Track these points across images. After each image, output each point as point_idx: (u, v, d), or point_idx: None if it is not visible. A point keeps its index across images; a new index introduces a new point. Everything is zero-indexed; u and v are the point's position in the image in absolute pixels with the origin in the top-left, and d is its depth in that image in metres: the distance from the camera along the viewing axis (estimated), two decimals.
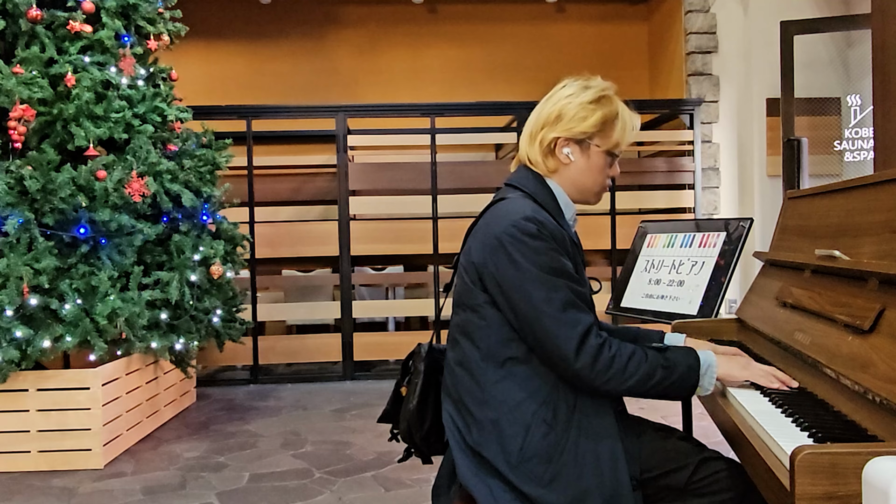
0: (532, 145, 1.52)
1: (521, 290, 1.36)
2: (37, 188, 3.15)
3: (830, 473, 0.94)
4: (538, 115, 1.52)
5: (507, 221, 1.40)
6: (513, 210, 1.43)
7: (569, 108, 1.47)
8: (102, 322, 3.24)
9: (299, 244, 5.11)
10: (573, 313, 1.35)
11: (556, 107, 1.49)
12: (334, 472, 3.14)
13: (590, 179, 1.53)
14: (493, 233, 1.42)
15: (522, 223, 1.38)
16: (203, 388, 4.92)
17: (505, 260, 1.38)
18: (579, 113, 1.47)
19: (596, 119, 1.47)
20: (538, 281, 1.36)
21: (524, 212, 1.41)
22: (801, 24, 4.54)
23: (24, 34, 3.34)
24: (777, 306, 1.80)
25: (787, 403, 1.34)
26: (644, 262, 2.57)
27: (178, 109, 3.91)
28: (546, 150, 1.50)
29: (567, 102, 1.48)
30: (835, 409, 1.28)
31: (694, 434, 2.05)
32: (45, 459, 3.28)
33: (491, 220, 1.46)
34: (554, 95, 1.51)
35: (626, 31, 6.66)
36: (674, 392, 1.40)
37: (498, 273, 1.39)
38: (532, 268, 1.36)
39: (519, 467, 1.34)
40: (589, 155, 1.50)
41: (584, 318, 1.36)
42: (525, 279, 1.36)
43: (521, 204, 1.44)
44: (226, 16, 6.50)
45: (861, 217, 1.56)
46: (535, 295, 1.35)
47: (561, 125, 1.48)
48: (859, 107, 4.92)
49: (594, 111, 1.47)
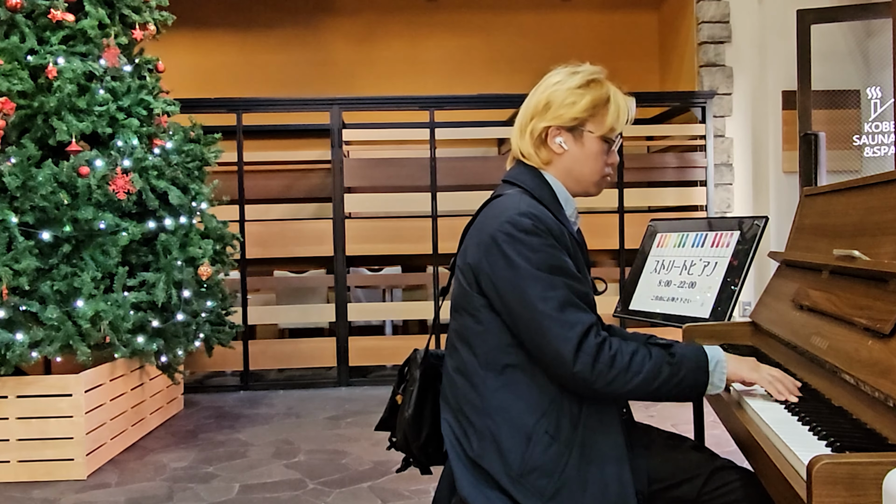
0: (523, 138, 1.53)
1: (517, 289, 1.35)
2: (16, 185, 3.15)
3: (849, 484, 0.94)
4: (526, 105, 1.53)
5: (502, 218, 1.40)
6: (508, 206, 1.43)
7: (557, 95, 1.48)
8: (85, 325, 3.24)
9: (292, 244, 5.11)
10: (572, 313, 1.34)
11: (543, 95, 1.50)
12: (329, 483, 3.14)
13: (587, 168, 1.52)
14: (487, 231, 1.42)
15: (517, 219, 1.38)
16: (191, 395, 4.92)
17: (500, 258, 1.38)
18: (568, 98, 1.47)
19: (585, 103, 1.48)
20: (534, 279, 1.35)
21: (519, 207, 1.41)
22: (818, 13, 4.54)
23: (3, 23, 3.34)
24: (793, 309, 1.80)
25: (803, 411, 1.34)
26: (654, 262, 2.57)
27: (164, 102, 3.91)
28: (537, 141, 1.51)
29: (555, 90, 1.49)
30: (854, 416, 1.28)
31: (707, 443, 2.05)
32: (25, 470, 3.27)
33: (486, 218, 1.46)
34: (542, 84, 1.53)
35: (634, 19, 6.66)
36: (682, 391, 1.37)
37: (493, 273, 1.39)
38: (527, 265, 1.35)
39: (520, 481, 1.34)
40: (583, 142, 1.50)
41: (584, 318, 1.35)
42: (520, 278, 1.35)
43: (516, 200, 1.44)
44: (214, 4, 6.50)
45: (881, 215, 1.56)
46: (530, 294, 1.34)
47: (550, 113, 1.48)
48: (880, 100, 4.93)
49: (583, 95, 1.48)
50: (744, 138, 5.41)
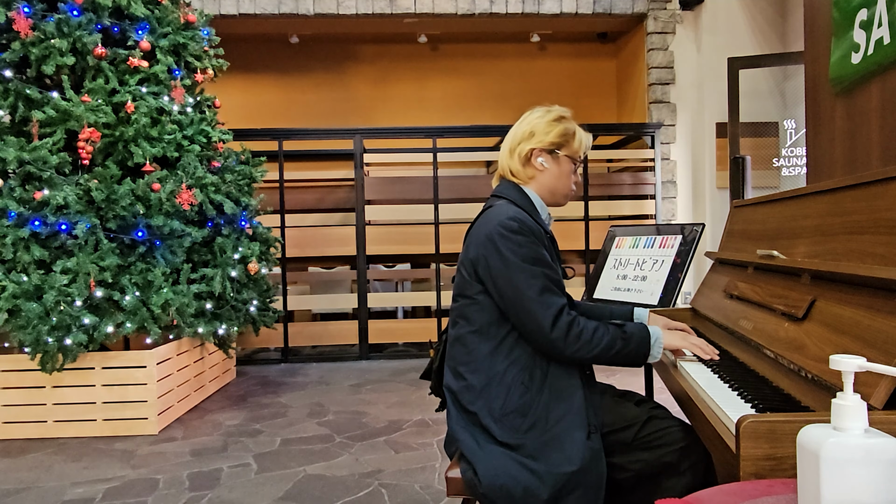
0: (511, 158, 1.58)
1: (507, 277, 1.41)
2: (102, 198, 3.16)
3: (770, 438, 0.94)
4: (514, 134, 1.59)
5: (495, 222, 1.45)
6: (499, 213, 1.47)
7: (539, 125, 1.56)
8: (157, 311, 3.24)
9: (323, 245, 5.10)
10: (548, 296, 1.40)
11: (528, 125, 1.57)
12: (352, 437, 3.14)
13: (560, 183, 1.58)
14: (484, 232, 1.46)
15: (507, 222, 1.43)
16: (241, 367, 4.92)
17: (494, 253, 1.42)
18: (546, 128, 1.55)
19: (559, 131, 1.55)
20: (521, 270, 1.40)
21: (508, 213, 1.45)
22: (745, 60, 4.54)
23: (91, 68, 3.34)
24: (725, 298, 1.80)
25: (733, 379, 1.34)
26: (613, 260, 2.57)
27: (220, 132, 3.91)
28: (524, 160, 1.56)
29: (537, 121, 1.57)
30: (774, 384, 1.28)
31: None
32: (108, 427, 3.28)
33: (482, 223, 1.50)
34: (525, 119, 1.60)
35: (597, 65, 6.65)
36: (630, 358, 1.44)
37: (489, 264, 1.43)
38: (516, 259, 1.40)
39: (501, 420, 1.39)
40: (558, 163, 1.56)
41: (558, 301, 1.41)
42: (510, 268, 1.40)
43: (505, 208, 1.49)
44: (261, 53, 6.49)
45: (796, 222, 1.56)
46: (519, 281, 1.40)
47: (535, 139, 1.55)
48: (794, 129, 4.92)
49: (557, 125, 1.56)
50: (685, 161, 5.41)
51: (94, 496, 2.48)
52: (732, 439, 1.03)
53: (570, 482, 1.32)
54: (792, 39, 5.03)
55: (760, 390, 1.24)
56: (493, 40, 6.55)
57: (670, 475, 1.36)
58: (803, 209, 1.54)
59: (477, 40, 6.56)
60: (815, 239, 1.42)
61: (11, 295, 3.04)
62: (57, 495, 2.50)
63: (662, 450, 1.36)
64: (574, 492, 1.33)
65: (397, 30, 5.93)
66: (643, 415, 1.43)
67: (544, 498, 1.31)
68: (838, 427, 0.75)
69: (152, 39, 3.50)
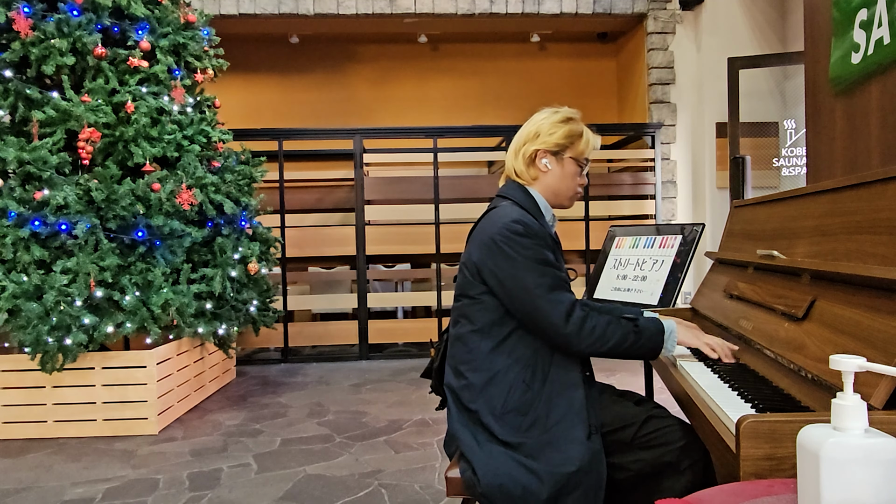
0: (517, 159, 1.57)
1: (516, 278, 1.40)
2: (102, 198, 3.16)
3: (770, 438, 0.94)
4: (519, 134, 1.59)
5: (499, 225, 1.44)
6: (503, 215, 1.46)
7: (544, 126, 1.55)
8: (157, 311, 3.24)
9: (322, 245, 5.10)
10: (559, 293, 1.40)
11: (534, 126, 1.56)
12: (352, 437, 3.14)
13: (564, 185, 1.57)
14: (487, 234, 1.45)
15: (511, 225, 1.43)
16: (241, 367, 4.92)
17: (500, 256, 1.42)
18: (552, 129, 1.54)
19: (564, 132, 1.54)
20: (529, 270, 1.40)
21: (512, 216, 1.44)
22: (745, 60, 4.54)
23: (91, 69, 3.34)
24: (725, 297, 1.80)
25: (733, 379, 1.34)
26: (613, 260, 2.57)
27: (220, 132, 3.91)
28: (528, 161, 1.56)
29: (543, 122, 1.56)
30: (773, 384, 1.28)
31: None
32: (108, 426, 3.28)
33: (486, 224, 1.49)
34: (532, 119, 1.59)
35: (597, 65, 6.65)
36: (643, 352, 1.45)
37: (496, 267, 1.42)
38: (523, 260, 1.40)
39: (502, 418, 1.39)
40: (563, 164, 1.55)
41: (569, 297, 1.42)
42: (518, 269, 1.40)
43: (509, 210, 1.48)
44: (261, 53, 6.49)
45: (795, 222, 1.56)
46: (528, 281, 1.40)
47: (539, 140, 1.54)
48: (794, 129, 4.92)
49: (563, 126, 1.55)
50: (685, 161, 5.41)
51: (94, 496, 2.48)
52: (732, 439, 1.03)
53: (570, 482, 1.32)
54: (792, 39, 5.03)
55: (760, 390, 1.24)
56: (494, 40, 6.55)
57: (670, 474, 1.36)
58: (803, 209, 1.53)
59: (477, 40, 6.56)
60: (815, 239, 1.42)
61: (11, 295, 3.04)
62: (57, 495, 2.50)
63: (662, 449, 1.36)
64: (574, 492, 1.32)
65: (397, 30, 5.93)
66: (642, 414, 1.42)
67: (543, 498, 1.31)
68: (838, 427, 0.75)
69: (152, 39, 3.50)
